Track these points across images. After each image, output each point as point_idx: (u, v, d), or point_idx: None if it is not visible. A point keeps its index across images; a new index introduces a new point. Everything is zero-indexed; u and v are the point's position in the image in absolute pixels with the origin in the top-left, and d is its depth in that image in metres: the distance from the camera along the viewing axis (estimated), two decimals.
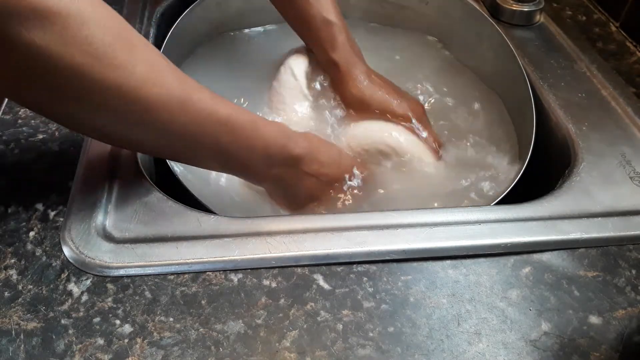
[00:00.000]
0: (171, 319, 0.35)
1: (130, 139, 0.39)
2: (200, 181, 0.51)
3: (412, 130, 0.55)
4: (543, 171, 0.53)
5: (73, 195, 0.42)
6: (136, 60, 0.34)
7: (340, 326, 0.36)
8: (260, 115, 0.53)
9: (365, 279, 0.39)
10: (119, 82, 0.33)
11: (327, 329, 0.36)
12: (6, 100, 0.51)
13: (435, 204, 0.52)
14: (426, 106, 0.62)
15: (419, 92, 0.64)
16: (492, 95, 0.64)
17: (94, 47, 0.32)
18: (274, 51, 0.66)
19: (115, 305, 0.36)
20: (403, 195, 0.53)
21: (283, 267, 0.39)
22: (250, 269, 0.39)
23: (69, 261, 0.38)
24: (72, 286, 0.37)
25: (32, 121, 0.49)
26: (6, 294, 0.36)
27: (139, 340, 0.34)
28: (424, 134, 0.56)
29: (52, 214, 0.41)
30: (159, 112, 0.36)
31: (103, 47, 0.32)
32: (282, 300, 0.37)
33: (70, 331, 0.35)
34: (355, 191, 0.51)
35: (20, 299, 0.36)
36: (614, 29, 0.66)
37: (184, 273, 0.38)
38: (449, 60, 0.68)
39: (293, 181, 0.47)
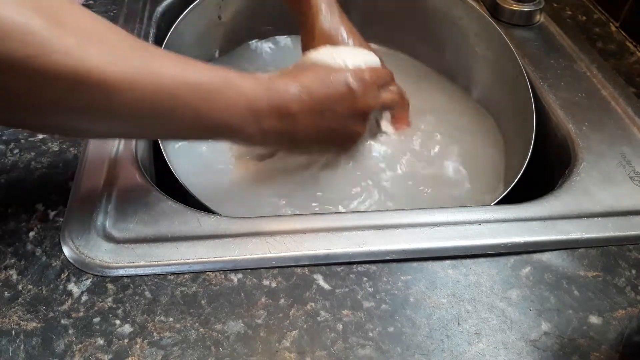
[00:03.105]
0: (171, 319, 0.35)
1: (99, 130, 0.36)
2: (200, 181, 0.51)
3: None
4: (543, 171, 0.53)
5: (73, 195, 0.42)
6: (86, 40, 0.31)
7: (340, 326, 0.36)
8: None
9: (365, 279, 0.39)
10: (73, 64, 0.30)
11: (327, 329, 0.36)
12: None
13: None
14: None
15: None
16: (491, 95, 0.64)
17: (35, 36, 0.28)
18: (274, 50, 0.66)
19: (115, 305, 0.36)
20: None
21: (283, 267, 0.39)
22: (250, 269, 0.39)
23: (69, 261, 0.38)
24: (72, 286, 0.37)
25: None
26: (6, 294, 0.36)
27: (139, 340, 0.34)
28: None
29: (52, 214, 0.41)
30: (124, 93, 0.32)
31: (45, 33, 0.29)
32: (282, 300, 0.37)
33: (70, 331, 0.35)
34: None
35: (20, 299, 0.36)
36: (614, 29, 0.66)
37: (184, 273, 0.38)
38: (441, 62, 0.68)
39: (293, 128, 0.42)
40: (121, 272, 0.38)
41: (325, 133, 0.45)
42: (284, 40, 0.70)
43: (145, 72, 0.34)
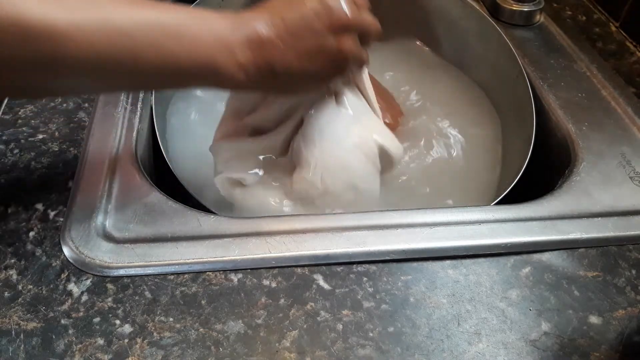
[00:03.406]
0: (171, 319, 0.35)
1: (68, 86, 0.35)
2: (201, 181, 0.51)
3: None
4: (543, 171, 0.53)
5: (73, 195, 0.42)
6: None
7: (340, 326, 0.36)
8: None
9: (365, 279, 0.39)
10: (13, 16, 0.28)
11: (327, 329, 0.36)
12: (6, 100, 0.51)
13: None
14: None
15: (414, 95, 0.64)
16: (491, 95, 0.64)
17: None
18: None
19: (115, 305, 0.36)
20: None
21: (283, 267, 0.39)
22: (250, 269, 0.39)
23: (69, 261, 0.38)
24: (72, 286, 0.37)
25: (32, 121, 0.49)
26: (6, 294, 0.36)
27: (139, 340, 0.34)
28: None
29: (52, 214, 0.41)
30: (75, 41, 0.30)
31: None
32: (282, 300, 0.37)
33: (70, 331, 0.35)
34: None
35: (20, 299, 0.36)
36: (614, 29, 0.67)
37: (184, 273, 0.38)
38: (441, 62, 0.68)
39: (272, 56, 0.39)
40: (121, 272, 0.38)
41: (309, 56, 0.40)
42: None
43: (95, 17, 0.32)
